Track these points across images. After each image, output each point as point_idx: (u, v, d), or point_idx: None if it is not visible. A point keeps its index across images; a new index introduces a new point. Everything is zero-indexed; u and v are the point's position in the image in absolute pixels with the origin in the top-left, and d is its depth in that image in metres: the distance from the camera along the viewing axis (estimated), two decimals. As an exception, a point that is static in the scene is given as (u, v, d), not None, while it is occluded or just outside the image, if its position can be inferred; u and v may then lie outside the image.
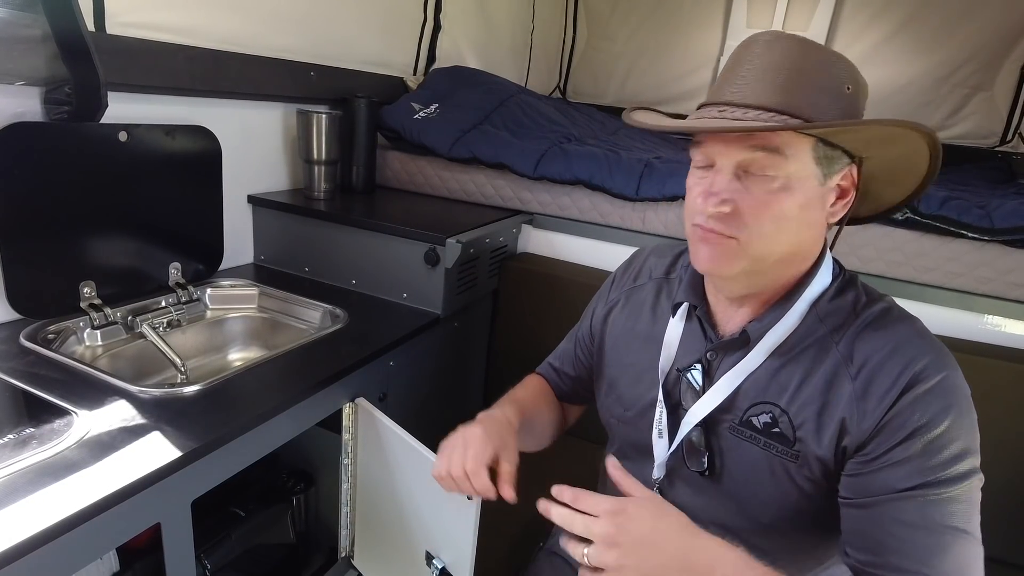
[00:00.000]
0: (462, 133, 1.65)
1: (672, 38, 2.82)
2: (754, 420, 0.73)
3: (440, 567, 0.92)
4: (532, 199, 1.58)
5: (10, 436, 0.72)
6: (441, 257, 1.25)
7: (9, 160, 0.93)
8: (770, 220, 0.66)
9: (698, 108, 0.71)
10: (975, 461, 0.64)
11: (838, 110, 0.65)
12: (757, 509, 0.74)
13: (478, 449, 0.79)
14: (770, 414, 0.72)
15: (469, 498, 0.82)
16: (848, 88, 0.66)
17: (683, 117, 0.74)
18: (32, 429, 0.74)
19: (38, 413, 0.79)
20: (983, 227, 1.22)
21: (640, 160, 1.52)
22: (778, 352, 0.72)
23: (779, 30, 0.69)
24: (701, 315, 0.79)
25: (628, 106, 0.82)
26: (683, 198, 1.42)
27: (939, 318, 1.27)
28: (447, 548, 0.92)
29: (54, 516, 0.62)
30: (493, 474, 0.79)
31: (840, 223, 0.72)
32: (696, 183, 0.71)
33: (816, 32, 2.49)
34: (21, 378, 0.86)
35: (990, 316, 1.25)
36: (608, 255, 1.53)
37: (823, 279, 0.73)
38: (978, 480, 0.64)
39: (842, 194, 0.70)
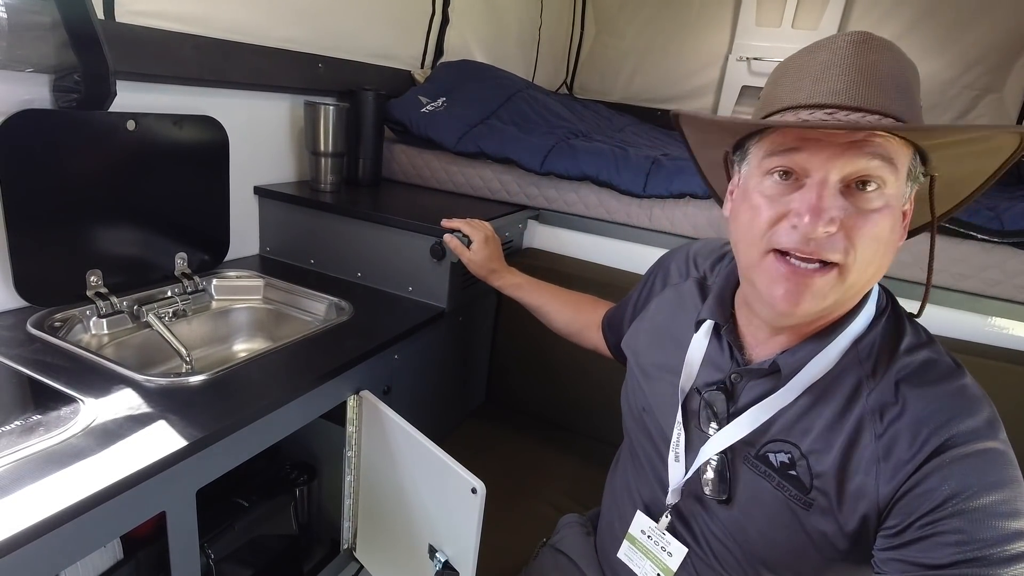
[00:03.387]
0: (469, 127, 1.64)
1: (680, 36, 2.81)
2: (771, 457, 0.68)
3: (443, 560, 0.92)
4: (538, 194, 1.58)
5: (17, 422, 0.72)
6: (447, 251, 1.25)
7: (17, 147, 0.93)
8: (872, 243, 0.58)
9: (767, 115, 0.63)
10: None
11: (918, 114, 0.59)
12: (764, 545, 0.70)
13: (478, 226, 1.23)
14: (788, 455, 0.66)
15: (474, 491, 0.82)
16: (920, 102, 0.60)
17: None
18: (39, 416, 0.74)
19: (44, 400, 0.79)
20: (993, 229, 1.21)
21: (647, 157, 1.51)
22: (811, 390, 0.66)
23: (853, 31, 0.61)
24: (727, 335, 0.75)
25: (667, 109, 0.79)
26: (690, 196, 1.43)
27: (946, 320, 1.26)
28: (450, 541, 0.92)
29: (60, 503, 0.62)
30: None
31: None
32: (775, 203, 0.61)
33: (825, 32, 2.48)
34: (28, 365, 0.86)
35: (998, 319, 1.24)
36: (614, 252, 1.52)
37: (868, 312, 0.66)
38: None
39: (903, 216, 0.63)
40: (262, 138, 1.46)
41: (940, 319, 1.27)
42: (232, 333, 1.31)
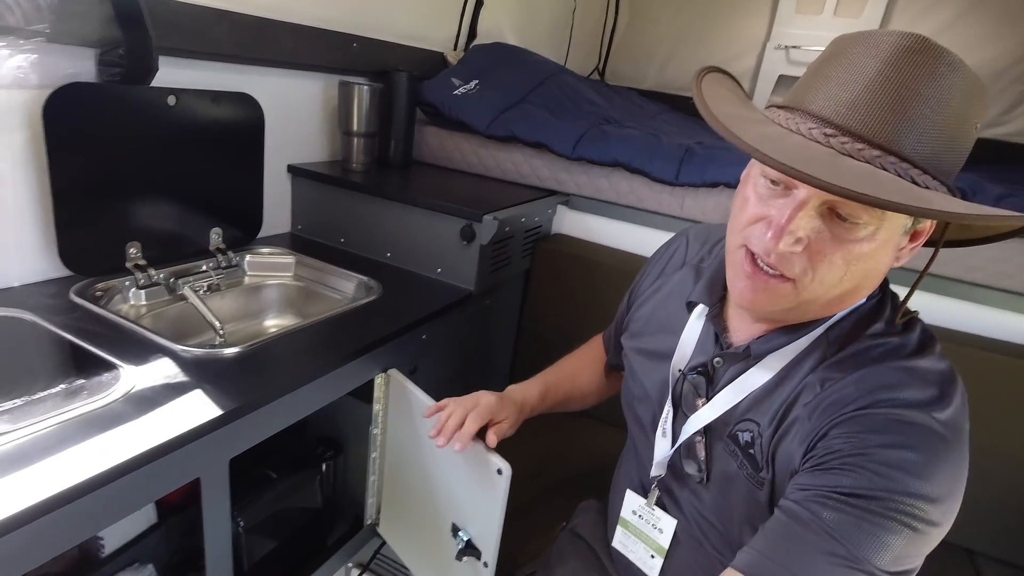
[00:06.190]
0: (501, 111, 1.64)
1: (716, 22, 2.74)
2: (739, 435, 0.69)
3: (466, 540, 0.93)
4: (569, 180, 1.57)
5: (62, 386, 0.75)
6: (477, 233, 1.25)
7: (64, 118, 0.95)
8: (841, 264, 0.58)
9: (780, 107, 0.62)
10: (935, 531, 0.55)
11: (955, 156, 0.55)
12: (735, 524, 0.71)
13: (482, 413, 0.86)
14: (751, 432, 0.68)
15: (499, 472, 0.83)
16: (977, 127, 0.55)
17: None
18: (82, 380, 0.77)
19: (87, 366, 0.81)
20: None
21: (680, 145, 1.49)
22: (780, 372, 0.67)
23: (909, 32, 0.54)
24: (711, 319, 0.75)
25: (696, 76, 0.71)
26: (724, 185, 1.41)
27: (985, 319, 1.24)
28: (474, 521, 0.93)
29: (101, 465, 0.64)
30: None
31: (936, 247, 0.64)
32: (760, 203, 0.61)
33: (870, 20, 2.41)
34: (72, 332, 0.89)
35: (1007, 312, 1.21)
36: (644, 240, 1.51)
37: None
38: (920, 558, 0.55)
39: (914, 236, 0.62)
40: (296, 117, 1.47)
41: (979, 318, 1.24)
42: (263, 308, 1.33)
